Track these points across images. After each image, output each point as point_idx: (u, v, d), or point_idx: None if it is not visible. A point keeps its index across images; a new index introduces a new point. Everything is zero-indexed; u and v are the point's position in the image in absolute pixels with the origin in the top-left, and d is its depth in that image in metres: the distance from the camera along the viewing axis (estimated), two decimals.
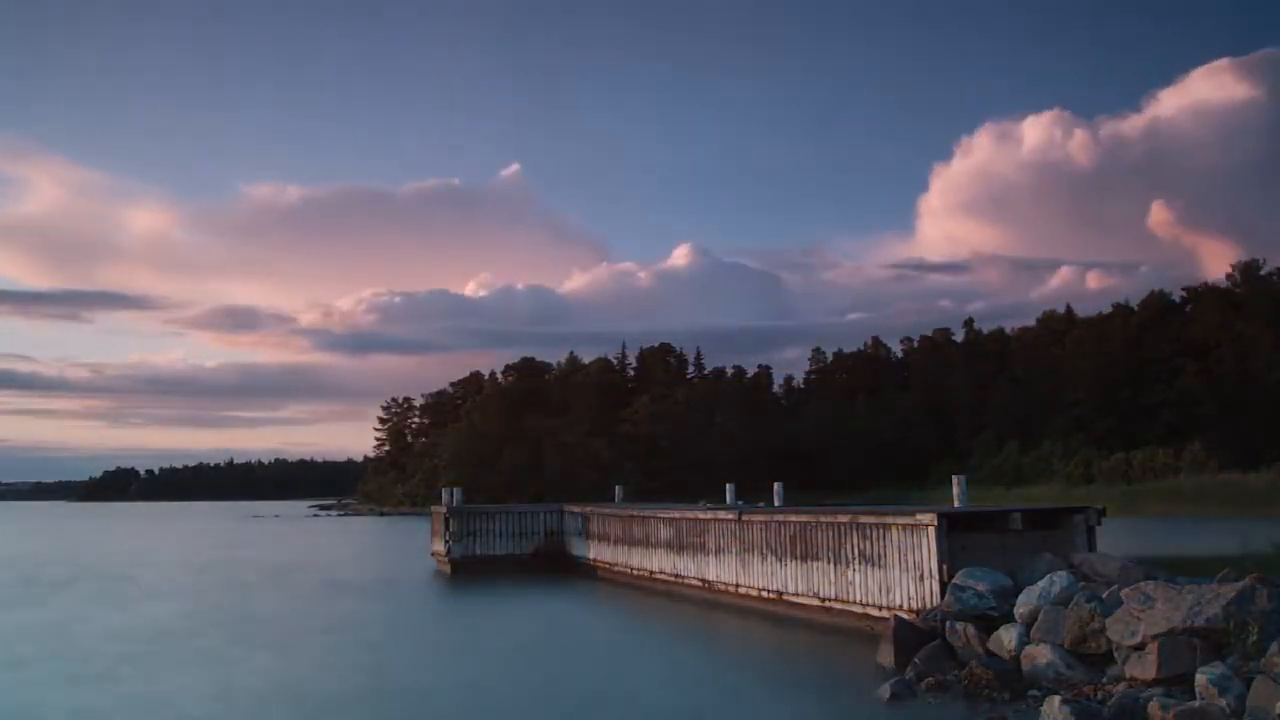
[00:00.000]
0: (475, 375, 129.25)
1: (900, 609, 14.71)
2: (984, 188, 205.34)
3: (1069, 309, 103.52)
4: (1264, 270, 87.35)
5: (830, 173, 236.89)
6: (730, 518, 20.31)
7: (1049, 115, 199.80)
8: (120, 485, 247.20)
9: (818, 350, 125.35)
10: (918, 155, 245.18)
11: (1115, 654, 11.03)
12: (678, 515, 22.98)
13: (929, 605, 14.07)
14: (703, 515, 21.71)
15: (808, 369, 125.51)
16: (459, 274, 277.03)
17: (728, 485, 28.19)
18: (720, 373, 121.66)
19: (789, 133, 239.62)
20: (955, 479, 17.95)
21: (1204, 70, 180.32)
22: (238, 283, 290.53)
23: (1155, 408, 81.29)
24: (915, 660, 12.30)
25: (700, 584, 21.44)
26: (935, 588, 14.19)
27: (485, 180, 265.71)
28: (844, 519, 16.65)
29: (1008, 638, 12.31)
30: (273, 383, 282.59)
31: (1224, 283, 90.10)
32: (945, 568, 14.14)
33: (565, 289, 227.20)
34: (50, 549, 48.31)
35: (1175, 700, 9.52)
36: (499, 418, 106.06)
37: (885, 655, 12.92)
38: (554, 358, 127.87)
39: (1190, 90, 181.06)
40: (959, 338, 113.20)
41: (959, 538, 14.51)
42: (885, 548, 15.45)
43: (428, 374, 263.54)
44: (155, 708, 11.97)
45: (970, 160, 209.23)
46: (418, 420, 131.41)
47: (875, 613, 15.47)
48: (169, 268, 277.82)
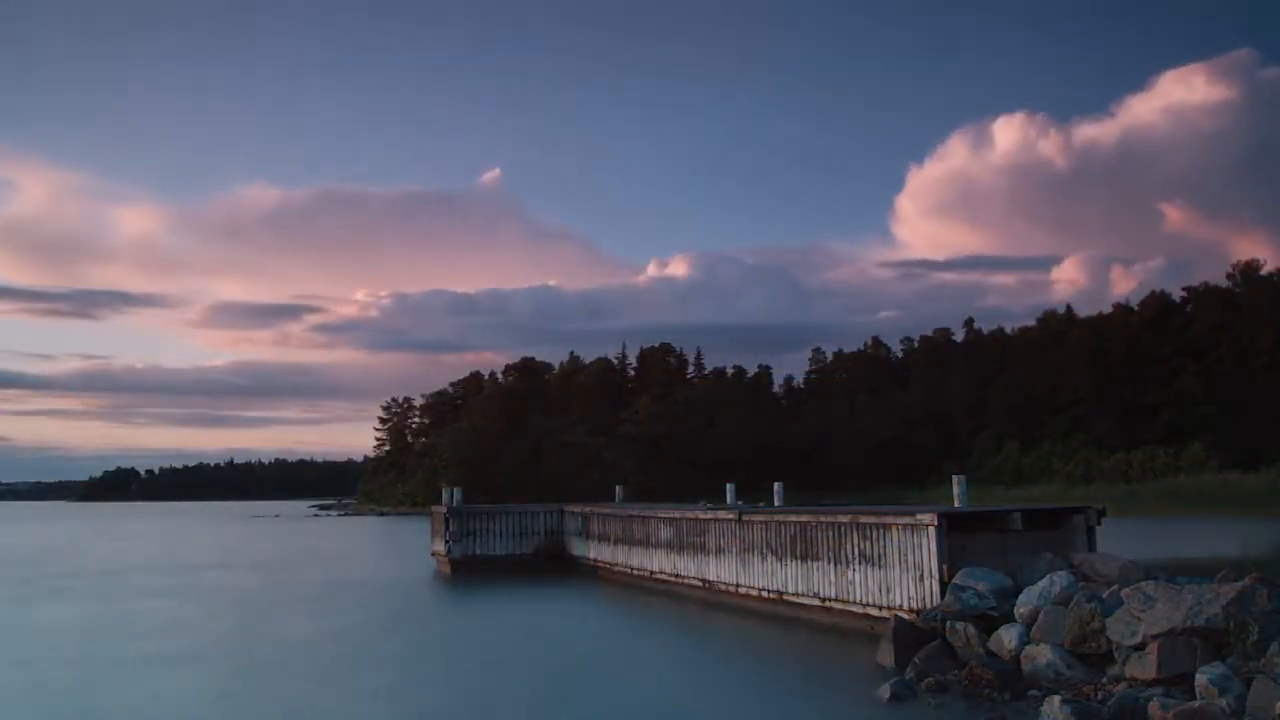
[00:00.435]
0: (475, 375, 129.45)
1: (900, 609, 14.71)
2: (961, 189, 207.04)
3: (1069, 309, 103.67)
4: (1264, 270, 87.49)
5: (808, 174, 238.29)
6: (730, 518, 20.30)
7: (1023, 117, 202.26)
8: (120, 485, 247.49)
9: (817, 350, 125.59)
10: (894, 156, 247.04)
11: (1115, 654, 11.03)
12: (678, 515, 22.97)
13: (929, 605, 14.07)
14: (703, 515, 21.70)
15: (808, 369, 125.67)
16: (459, 274, 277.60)
17: (728, 485, 28.15)
18: (720, 373, 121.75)
19: (770, 132, 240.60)
20: (955, 479, 17.92)
21: (1176, 73, 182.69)
22: (237, 283, 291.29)
23: (1155, 408, 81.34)
24: (915, 660, 12.29)
25: (700, 584, 21.44)
26: (935, 588, 14.19)
27: (471, 182, 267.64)
28: (844, 519, 16.65)
29: (1008, 638, 12.31)
30: (273, 382, 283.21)
31: (1224, 283, 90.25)
32: (945, 568, 14.13)
33: (564, 288, 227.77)
34: (56, 547, 48.33)
35: (1175, 700, 9.52)
36: (499, 418, 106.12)
37: (885, 655, 12.92)
38: (555, 357, 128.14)
39: (1163, 93, 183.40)
40: (959, 338, 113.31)
41: (959, 538, 14.51)
42: (885, 548, 15.45)
43: (429, 374, 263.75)
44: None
45: (947, 162, 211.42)
46: (418, 420, 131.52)
47: (875, 613, 15.46)
48: (166, 268, 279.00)
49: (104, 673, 14.24)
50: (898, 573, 15.12)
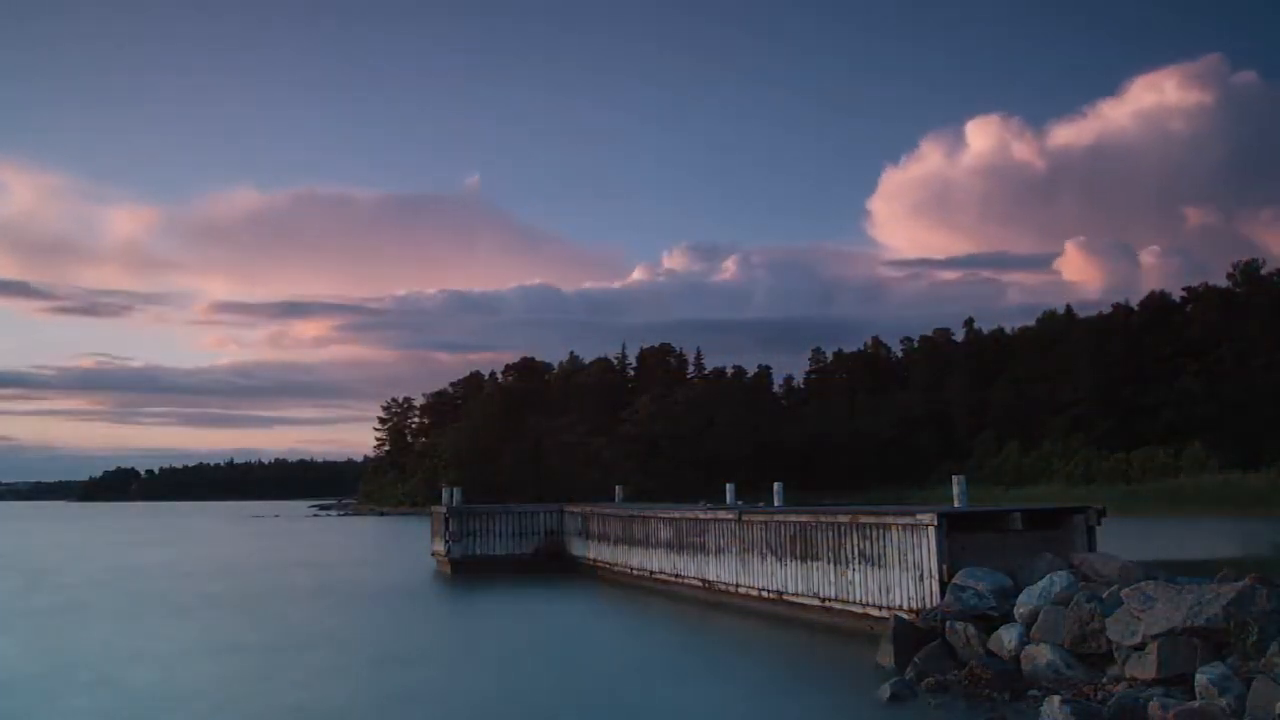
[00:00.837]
0: (475, 375, 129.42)
1: (900, 609, 14.70)
2: (936, 191, 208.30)
3: (1069, 309, 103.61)
4: (1264, 270, 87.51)
5: (782, 175, 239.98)
6: (730, 518, 20.30)
7: (998, 119, 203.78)
8: (120, 485, 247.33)
9: (818, 350, 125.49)
10: (869, 158, 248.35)
11: (1115, 654, 11.03)
12: (678, 515, 22.97)
13: (929, 605, 14.06)
14: (703, 515, 21.70)
15: (808, 369, 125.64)
16: (459, 274, 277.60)
17: (728, 485, 28.16)
18: (720, 373, 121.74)
19: (762, 129, 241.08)
20: (955, 479, 17.93)
21: (1148, 78, 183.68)
22: (236, 284, 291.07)
23: (1155, 408, 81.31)
24: (915, 660, 12.29)
25: (700, 584, 21.43)
26: (935, 588, 14.18)
27: (460, 184, 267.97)
28: (844, 519, 16.64)
29: (1008, 638, 12.30)
30: (272, 383, 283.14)
31: (1224, 283, 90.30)
32: (945, 568, 14.13)
33: (561, 287, 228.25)
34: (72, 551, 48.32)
35: (1175, 700, 9.52)
36: (499, 418, 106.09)
37: (885, 655, 12.92)
38: (554, 357, 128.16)
39: (1135, 97, 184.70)
40: (959, 338, 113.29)
41: (959, 538, 14.51)
42: (885, 548, 15.44)
43: (429, 374, 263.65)
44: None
45: (923, 165, 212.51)
46: (418, 420, 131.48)
47: (875, 613, 15.45)
48: (157, 269, 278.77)
49: (101, 674, 14.26)
50: (897, 573, 15.11)
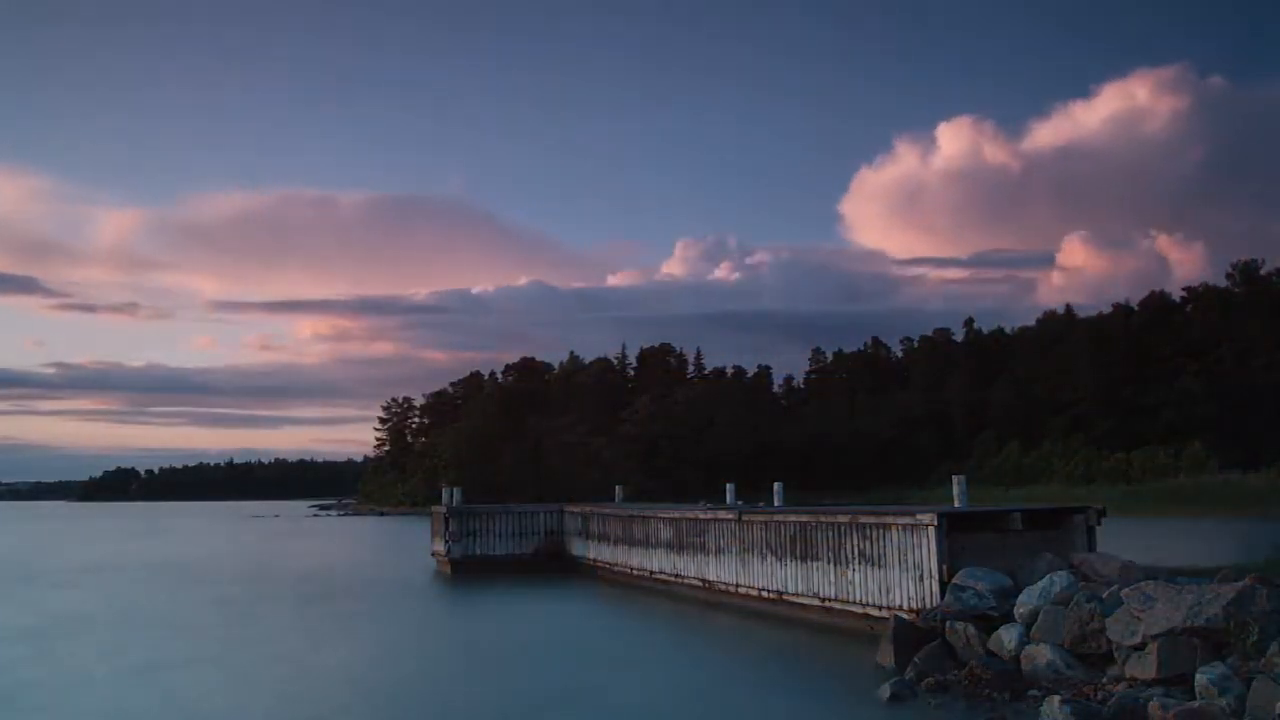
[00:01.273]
0: (475, 375, 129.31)
1: (900, 609, 14.70)
2: (909, 192, 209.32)
3: (1069, 309, 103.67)
4: (1263, 270, 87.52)
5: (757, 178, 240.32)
6: (730, 518, 20.30)
7: (970, 121, 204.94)
8: (120, 485, 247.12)
9: (818, 350, 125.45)
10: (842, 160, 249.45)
11: (1115, 654, 11.03)
12: (678, 515, 22.97)
13: (929, 605, 14.07)
14: (703, 515, 21.70)
15: (808, 369, 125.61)
16: (459, 274, 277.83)
17: (728, 485, 28.17)
18: (720, 372, 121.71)
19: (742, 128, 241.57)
20: (955, 479, 17.93)
21: (1120, 83, 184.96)
22: (234, 284, 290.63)
23: (1155, 408, 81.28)
24: (915, 660, 12.29)
25: (700, 584, 21.43)
26: (935, 588, 14.19)
27: (462, 184, 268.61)
28: (844, 519, 16.64)
29: (1008, 638, 12.30)
30: (272, 383, 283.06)
31: (1224, 283, 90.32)
32: (945, 568, 14.13)
33: (557, 286, 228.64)
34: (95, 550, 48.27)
35: (1175, 700, 9.52)
36: (499, 418, 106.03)
37: (885, 655, 12.92)
38: (555, 357, 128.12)
39: (1106, 101, 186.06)
40: (959, 338, 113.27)
41: (959, 538, 14.51)
42: (885, 548, 15.44)
43: (428, 374, 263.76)
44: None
45: (897, 167, 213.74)
46: (418, 420, 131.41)
47: (875, 613, 15.46)
48: (159, 269, 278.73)
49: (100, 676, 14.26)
50: (897, 573, 15.11)
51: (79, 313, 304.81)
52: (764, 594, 18.78)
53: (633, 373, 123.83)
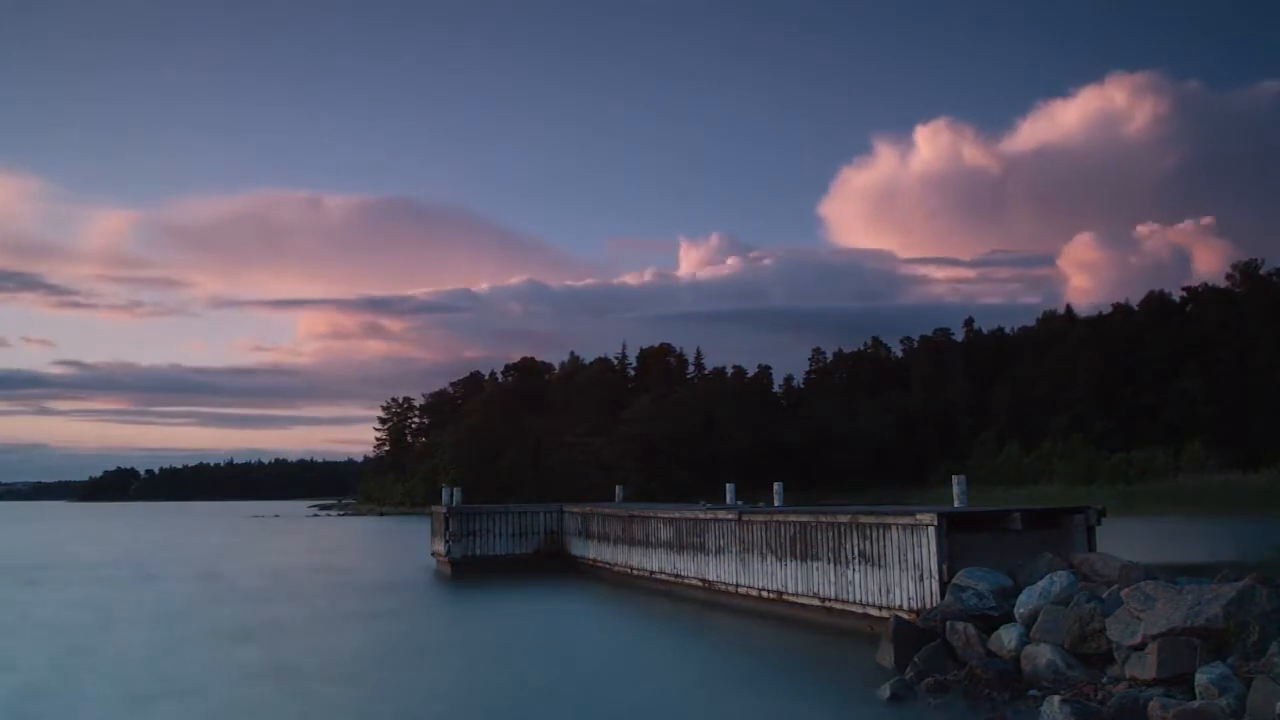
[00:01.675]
0: (475, 375, 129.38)
1: (900, 609, 14.71)
2: (884, 195, 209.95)
3: (1069, 309, 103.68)
4: (1263, 270, 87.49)
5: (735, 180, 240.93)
6: (730, 518, 20.30)
7: (945, 123, 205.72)
8: (120, 485, 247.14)
9: (817, 350, 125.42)
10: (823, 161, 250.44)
11: (1115, 654, 11.03)
12: (678, 515, 22.97)
13: (929, 605, 14.07)
14: (703, 515, 21.70)
15: (808, 369, 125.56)
16: (457, 275, 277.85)
17: (728, 485, 28.18)
18: (720, 372, 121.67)
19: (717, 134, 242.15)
20: (955, 479, 17.93)
21: (1095, 86, 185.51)
22: (232, 284, 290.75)
23: (1155, 408, 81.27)
24: (915, 660, 12.29)
25: (700, 584, 21.43)
26: (935, 588, 14.19)
27: (462, 185, 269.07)
28: (844, 519, 16.65)
29: (1008, 638, 12.30)
30: (272, 383, 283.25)
31: (1224, 283, 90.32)
32: (945, 568, 14.14)
33: (557, 286, 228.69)
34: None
35: (1175, 700, 9.52)
36: (499, 418, 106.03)
37: (885, 655, 12.91)
38: (555, 357, 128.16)
39: (1080, 105, 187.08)
40: (959, 338, 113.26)
41: (959, 538, 14.51)
42: (885, 548, 15.44)
43: (428, 374, 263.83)
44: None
45: (874, 169, 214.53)
46: (418, 420, 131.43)
47: (875, 613, 15.46)
48: (155, 268, 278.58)
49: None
50: (897, 573, 15.12)
51: (79, 313, 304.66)
52: (764, 594, 18.78)
53: (633, 373, 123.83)
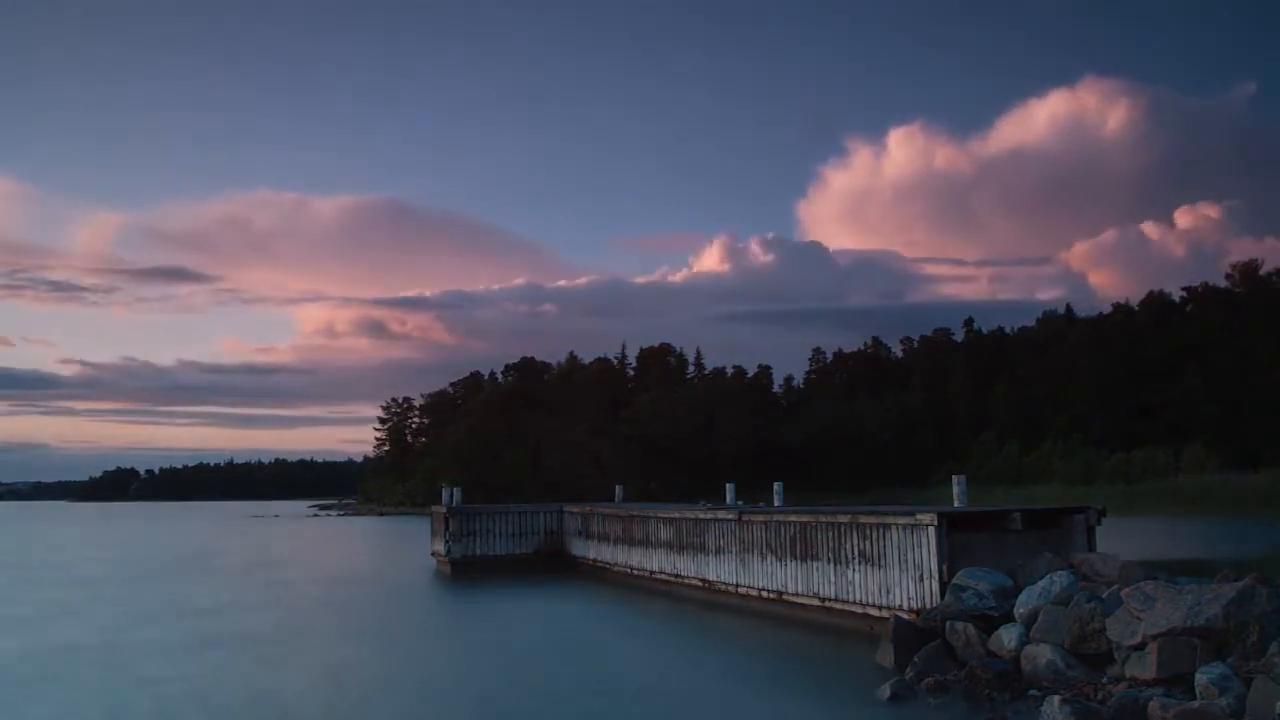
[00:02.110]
0: (475, 375, 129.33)
1: (900, 609, 14.71)
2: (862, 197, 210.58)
3: (1069, 309, 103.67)
4: (1263, 270, 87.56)
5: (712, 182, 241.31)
6: (730, 518, 20.30)
7: (918, 127, 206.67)
8: (120, 485, 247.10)
9: (818, 350, 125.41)
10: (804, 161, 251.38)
11: (1115, 654, 11.03)
12: (678, 515, 22.97)
13: (929, 605, 14.07)
14: (703, 515, 21.70)
15: (808, 369, 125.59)
16: (455, 275, 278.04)
17: (728, 485, 28.18)
18: (720, 372, 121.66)
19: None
20: (955, 479, 17.94)
21: (1067, 90, 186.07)
22: (235, 284, 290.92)
23: (1155, 408, 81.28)
24: (915, 660, 12.29)
25: (700, 584, 21.43)
26: (935, 588, 14.19)
27: (465, 186, 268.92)
28: (844, 519, 16.65)
29: (1008, 638, 12.30)
30: (272, 383, 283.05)
31: (1223, 283, 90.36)
32: (945, 568, 14.14)
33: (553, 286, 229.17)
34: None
35: (1175, 700, 9.52)
36: (499, 418, 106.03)
37: (885, 655, 12.92)
38: (555, 357, 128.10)
39: (1051, 108, 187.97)
40: (959, 338, 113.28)
41: (959, 538, 14.51)
42: (885, 548, 15.44)
43: (428, 374, 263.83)
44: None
45: (851, 171, 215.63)
46: (418, 420, 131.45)
47: (875, 613, 15.46)
48: (154, 270, 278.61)
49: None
50: (897, 573, 15.12)
51: (79, 311, 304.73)
52: (764, 594, 18.78)
53: (632, 373, 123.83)
